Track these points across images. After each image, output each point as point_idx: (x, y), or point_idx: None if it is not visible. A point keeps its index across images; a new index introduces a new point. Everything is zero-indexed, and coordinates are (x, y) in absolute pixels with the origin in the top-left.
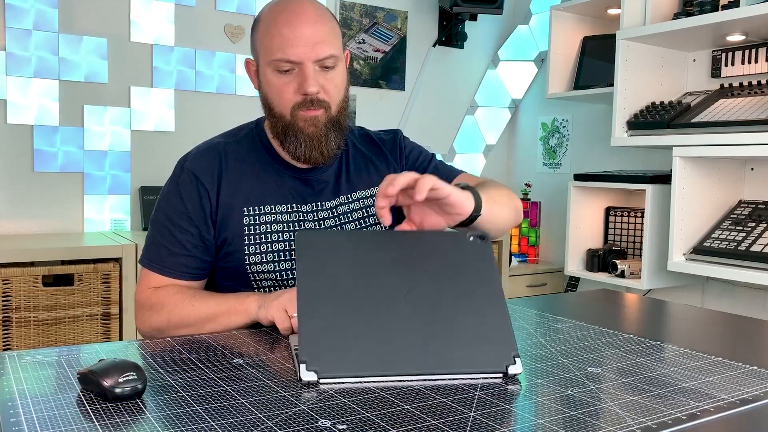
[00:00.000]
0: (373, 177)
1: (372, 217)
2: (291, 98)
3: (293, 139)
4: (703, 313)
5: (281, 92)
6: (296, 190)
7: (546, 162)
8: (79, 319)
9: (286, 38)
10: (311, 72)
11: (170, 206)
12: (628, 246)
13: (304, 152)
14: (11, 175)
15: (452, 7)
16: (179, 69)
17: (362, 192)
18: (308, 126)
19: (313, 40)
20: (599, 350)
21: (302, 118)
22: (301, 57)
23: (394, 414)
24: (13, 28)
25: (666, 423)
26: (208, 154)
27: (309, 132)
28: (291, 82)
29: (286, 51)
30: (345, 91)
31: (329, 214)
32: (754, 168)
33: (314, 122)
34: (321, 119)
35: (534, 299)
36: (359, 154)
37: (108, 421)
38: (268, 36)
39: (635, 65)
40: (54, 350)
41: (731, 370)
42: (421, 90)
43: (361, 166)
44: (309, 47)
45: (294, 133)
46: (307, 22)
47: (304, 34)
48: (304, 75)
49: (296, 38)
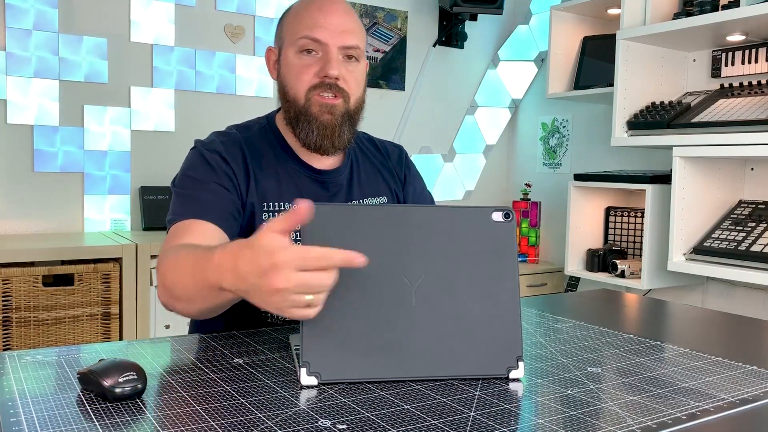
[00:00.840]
0: (381, 186)
1: None
2: (309, 80)
3: (305, 125)
4: (703, 313)
5: (300, 73)
6: (312, 191)
7: (546, 162)
8: (79, 319)
9: (316, 20)
10: (335, 55)
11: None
12: (628, 246)
13: (316, 140)
14: (11, 175)
15: (452, 7)
16: (179, 69)
17: (372, 199)
18: (323, 113)
19: (342, 27)
20: (599, 350)
21: (317, 103)
22: (328, 39)
23: (394, 414)
24: (13, 28)
25: (666, 423)
26: (230, 144)
27: (323, 119)
28: (312, 65)
29: (314, 30)
30: (363, 90)
31: None
32: (754, 168)
33: (330, 110)
34: (339, 108)
35: (534, 299)
36: (368, 161)
37: (108, 421)
38: (298, 18)
39: (635, 65)
40: (54, 350)
41: (731, 370)
42: (421, 90)
43: (370, 172)
44: (337, 33)
45: (307, 118)
46: (338, 11)
47: (334, 20)
48: (327, 57)
49: (326, 21)
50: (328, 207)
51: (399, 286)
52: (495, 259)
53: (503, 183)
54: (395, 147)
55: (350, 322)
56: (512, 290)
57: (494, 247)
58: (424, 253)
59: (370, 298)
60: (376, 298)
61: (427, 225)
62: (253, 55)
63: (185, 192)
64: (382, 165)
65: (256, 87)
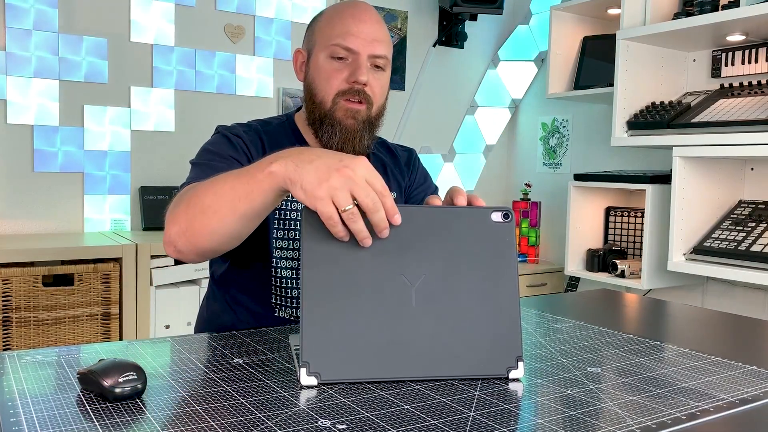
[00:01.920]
0: (391, 183)
1: None
2: (337, 85)
3: (329, 128)
4: (703, 313)
5: (330, 77)
6: None
7: (546, 162)
8: (79, 319)
9: (349, 28)
10: (365, 62)
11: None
12: (628, 246)
13: (338, 143)
14: (11, 175)
15: (452, 7)
16: (179, 69)
17: None
18: (347, 117)
19: (372, 36)
20: (599, 350)
21: (343, 107)
22: (359, 48)
23: (394, 414)
24: (13, 28)
25: (666, 423)
26: (252, 132)
27: (347, 124)
28: (342, 70)
29: (347, 38)
30: (386, 98)
31: None
32: (754, 168)
33: (354, 115)
34: (362, 114)
35: (534, 299)
36: (378, 161)
37: (108, 421)
38: (331, 24)
39: (635, 65)
40: (54, 350)
41: (731, 370)
42: (421, 90)
43: (380, 171)
44: (368, 41)
45: (331, 122)
46: (371, 20)
47: (366, 29)
48: (357, 64)
49: (358, 30)
50: None
51: (399, 286)
52: (494, 260)
53: (503, 183)
54: (405, 150)
55: (350, 323)
56: (512, 290)
57: (494, 247)
58: (424, 253)
59: (370, 298)
60: (376, 298)
61: (427, 225)
62: (253, 55)
63: (202, 161)
64: (393, 164)
65: (256, 87)
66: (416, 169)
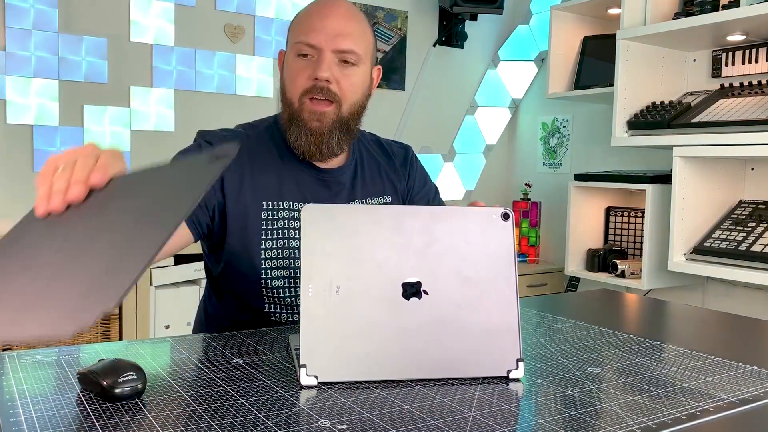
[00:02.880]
0: (385, 185)
1: None
2: (302, 83)
3: (296, 130)
4: (703, 313)
5: (296, 76)
6: (314, 190)
7: (546, 162)
8: None
9: (312, 24)
10: (326, 58)
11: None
12: (628, 246)
13: (304, 145)
14: (11, 175)
15: (452, 7)
16: (179, 69)
17: (376, 199)
18: (312, 120)
19: (336, 31)
20: (599, 350)
21: (308, 109)
22: (321, 43)
23: (394, 414)
24: (13, 28)
25: (666, 423)
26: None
27: (312, 126)
28: (306, 68)
29: (309, 34)
30: (362, 96)
31: None
32: (754, 168)
33: (319, 117)
34: (329, 116)
35: (534, 299)
36: (373, 161)
37: (108, 421)
38: (298, 22)
39: (635, 65)
40: (54, 350)
41: (731, 370)
42: (421, 90)
43: (374, 172)
44: (331, 36)
45: (297, 123)
46: (336, 15)
47: (329, 24)
48: (319, 59)
49: (322, 26)
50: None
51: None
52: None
53: (503, 183)
54: (401, 147)
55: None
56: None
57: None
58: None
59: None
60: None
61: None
62: (253, 55)
63: None
64: (388, 166)
65: (256, 87)
66: (415, 170)
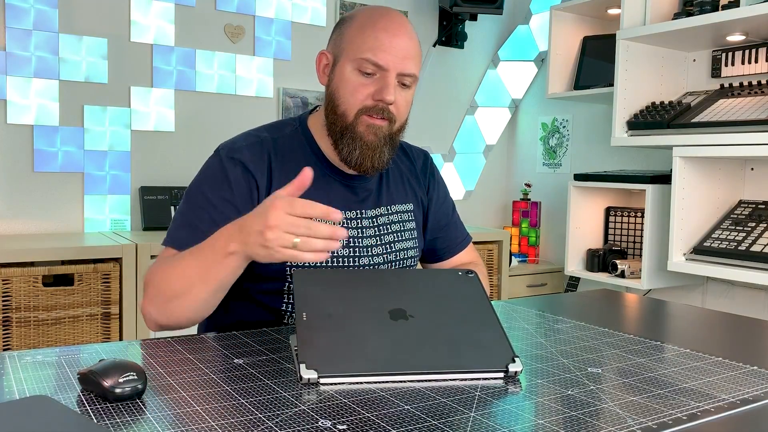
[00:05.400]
0: (408, 193)
1: (407, 232)
2: (362, 100)
3: (350, 142)
4: (703, 313)
5: (356, 91)
6: (342, 195)
7: (546, 162)
8: (79, 319)
9: (381, 42)
10: (393, 82)
11: (214, 191)
12: (628, 246)
13: (358, 158)
14: (11, 175)
15: (452, 7)
16: (179, 69)
17: (400, 206)
18: (369, 133)
19: (404, 53)
20: (599, 350)
21: (365, 123)
22: (390, 64)
23: (394, 414)
24: (13, 28)
25: (666, 423)
26: (257, 149)
27: (368, 139)
28: (369, 85)
29: (377, 54)
30: (408, 113)
31: (370, 223)
32: (754, 168)
33: (376, 131)
34: (384, 130)
35: (534, 299)
36: (397, 168)
37: (108, 421)
38: (362, 34)
39: (635, 65)
40: (54, 350)
41: (731, 370)
42: (421, 90)
43: (398, 179)
44: (399, 58)
45: (352, 136)
46: (404, 35)
47: (398, 44)
48: (386, 82)
49: (390, 46)
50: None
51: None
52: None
53: (503, 183)
54: (421, 152)
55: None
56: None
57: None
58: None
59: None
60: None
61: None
62: (253, 55)
63: (193, 212)
64: (410, 171)
65: (256, 87)
66: (435, 181)
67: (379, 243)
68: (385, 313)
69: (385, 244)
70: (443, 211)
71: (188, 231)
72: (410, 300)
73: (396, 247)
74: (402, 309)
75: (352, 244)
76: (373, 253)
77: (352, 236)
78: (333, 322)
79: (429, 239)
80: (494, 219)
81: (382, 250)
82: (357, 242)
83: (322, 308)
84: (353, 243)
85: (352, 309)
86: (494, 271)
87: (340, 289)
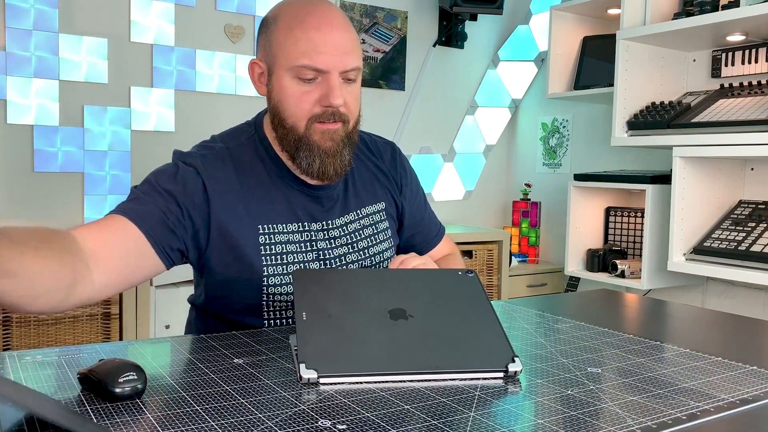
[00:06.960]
0: (378, 192)
1: (381, 233)
2: (309, 109)
3: (307, 154)
4: (703, 313)
5: (300, 101)
6: (306, 207)
7: (546, 162)
8: (79, 319)
9: (315, 44)
10: (337, 83)
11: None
12: (628, 246)
13: (319, 168)
14: (11, 175)
15: (452, 7)
16: (179, 69)
17: (370, 207)
18: (325, 140)
19: (342, 49)
20: (599, 350)
21: (319, 130)
22: (330, 65)
23: (394, 414)
24: (13, 28)
25: (666, 423)
26: (217, 161)
27: (326, 147)
28: (312, 92)
29: (314, 58)
30: (360, 106)
31: (341, 232)
32: (754, 168)
33: (332, 136)
34: (339, 133)
35: (534, 299)
36: (363, 167)
37: (108, 421)
38: (292, 38)
39: (635, 65)
40: (54, 350)
41: (731, 370)
42: (421, 90)
43: (366, 180)
44: (338, 56)
45: (308, 146)
46: (337, 28)
47: (333, 40)
48: (329, 86)
49: (325, 45)
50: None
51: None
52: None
53: (503, 183)
54: (387, 144)
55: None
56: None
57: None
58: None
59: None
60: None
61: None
62: (253, 55)
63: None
64: (377, 168)
65: None
66: (406, 174)
67: (353, 251)
68: (385, 313)
69: (360, 250)
70: (417, 204)
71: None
72: (410, 300)
73: (371, 252)
74: (402, 309)
75: (323, 257)
76: (347, 261)
77: (322, 248)
78: (333, 322)
79: (407, 236)
80: (494, 219)
81: (357, 257)
82: (327, 254)
83: (322, 308)
84: (324, 255)
85: (352, 309)
86: (494, 271)
87: (340, 289)
